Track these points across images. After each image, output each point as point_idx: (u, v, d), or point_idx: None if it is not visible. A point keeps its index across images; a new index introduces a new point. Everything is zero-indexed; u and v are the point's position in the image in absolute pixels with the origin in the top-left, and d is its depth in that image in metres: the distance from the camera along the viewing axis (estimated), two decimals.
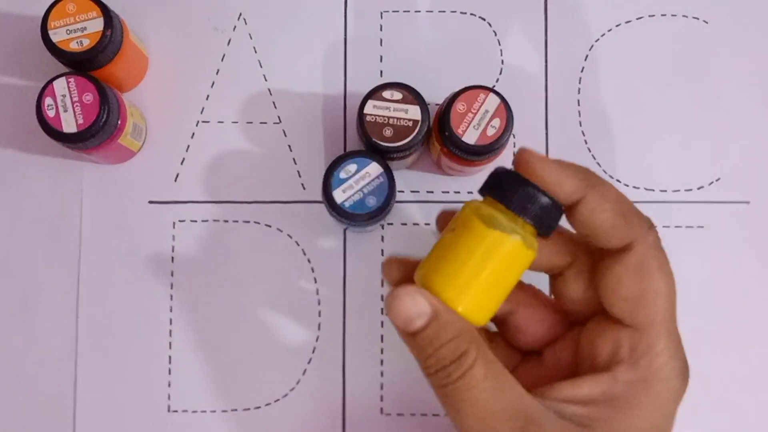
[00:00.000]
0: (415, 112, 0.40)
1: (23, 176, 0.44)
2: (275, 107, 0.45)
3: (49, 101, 0.39)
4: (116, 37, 0.40)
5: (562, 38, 0.45)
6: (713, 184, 0.45)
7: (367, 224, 0.40)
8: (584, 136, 0.45)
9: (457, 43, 0.45)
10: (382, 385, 0.43)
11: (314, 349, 0.43)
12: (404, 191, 0.44)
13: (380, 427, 0.43)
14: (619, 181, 0.45)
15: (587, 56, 0.45)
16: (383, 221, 0.44)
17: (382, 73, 0.45)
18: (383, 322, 0.44)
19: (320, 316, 0.44)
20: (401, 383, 0.43)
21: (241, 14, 0.45)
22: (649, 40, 0.45)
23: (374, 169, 0.39)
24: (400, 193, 0.44)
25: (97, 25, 0.39)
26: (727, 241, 0.44)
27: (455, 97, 0.39)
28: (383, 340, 0.43)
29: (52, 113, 0.39)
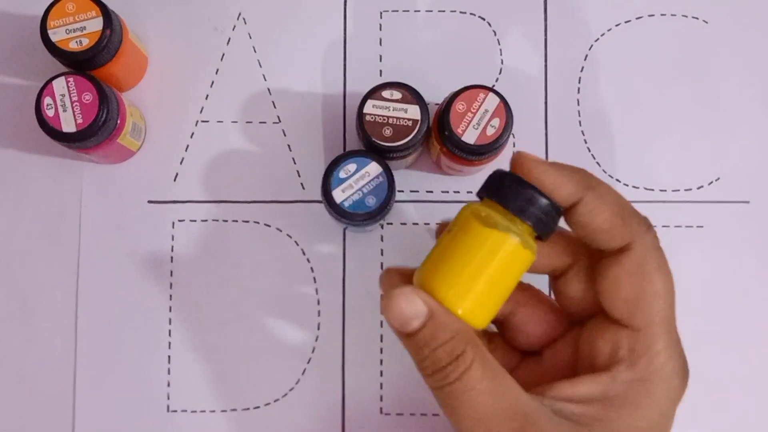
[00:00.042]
0: (414, 111, 0.39)
1: (23, 176, 0.44)
2: (275, 107, 0.45)
3: (48, 101, 0.39)
4: (115, 36, 0.40)
5: (561, 38, 0.45)
6: (713, 183, 0.45)
7: (366, 224, 0.40)
8: (584, 135, 0.45)
9: (456, 42, 0.45)
10: (381, 384, 0.43)
11: (314, 348, 0.43)
12: (404, 191, 0.44)
13: (380, 426, 0.43)
14: (618, 180, 0.45)
15: (587, 56, 0.45)
16: (383, 221, 0.44)
17: (381, 72, 0.45)
18: (383, 321, 0.44)
19: (320, 315, 0.44)
20: (401, 383, 0.43)
21: (240, 14, 0.45)
22: (648, 40, 0.45)
23: (374, 168, 0.39)
24: (399, 192, 0.44)
25: (96, 24, 0.39)
26: (726, 240, 0.44)
27: (455, 96, 0.39)
28: (383, 339, 0.43)
29: (51, 113, 0.39)
